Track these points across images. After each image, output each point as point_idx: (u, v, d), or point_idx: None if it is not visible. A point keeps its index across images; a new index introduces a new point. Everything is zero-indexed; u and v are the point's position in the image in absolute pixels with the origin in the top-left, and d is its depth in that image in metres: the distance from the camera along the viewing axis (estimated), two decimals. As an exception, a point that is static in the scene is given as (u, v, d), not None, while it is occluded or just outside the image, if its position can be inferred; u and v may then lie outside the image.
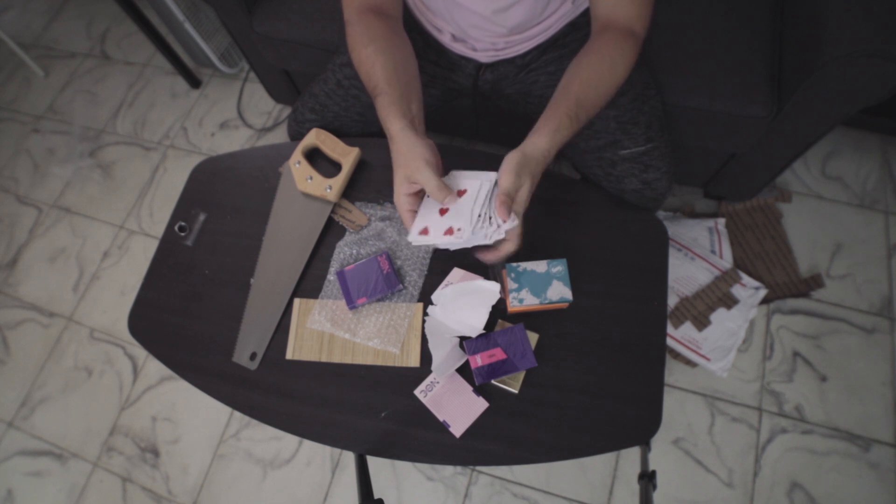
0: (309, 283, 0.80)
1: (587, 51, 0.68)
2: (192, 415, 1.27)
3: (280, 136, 1.58)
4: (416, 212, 0.65)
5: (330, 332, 0.76)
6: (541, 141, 0.62)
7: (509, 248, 0.63)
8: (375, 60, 0.67)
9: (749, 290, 1.20)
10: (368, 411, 0.72)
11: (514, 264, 0.72)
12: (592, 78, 0.65)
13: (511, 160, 0.60)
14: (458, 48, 0.83)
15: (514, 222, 0.60)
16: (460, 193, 0.63)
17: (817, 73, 0.81)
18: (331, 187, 0.81)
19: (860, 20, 0.78)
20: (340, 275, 0.78)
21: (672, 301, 1.21)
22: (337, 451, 1.20)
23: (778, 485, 1.08)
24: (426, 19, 0.83)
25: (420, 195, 0.66)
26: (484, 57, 0.83)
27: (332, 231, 0.83)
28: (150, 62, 1.77)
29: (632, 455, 1.13)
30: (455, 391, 0.71)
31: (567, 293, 0.70)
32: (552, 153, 0.63)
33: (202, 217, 0.87)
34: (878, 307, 1.19)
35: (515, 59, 0.84)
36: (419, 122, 0.67)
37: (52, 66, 1.83)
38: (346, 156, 0.84)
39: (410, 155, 0.62)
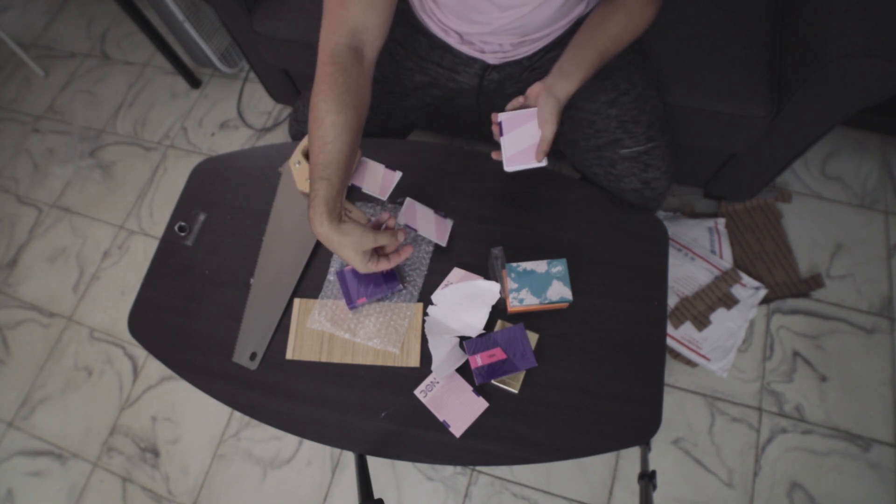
0: (309, 283, 0.80)
1: (615, 7, 0.72)
2: (192, 415, 1.27)
3: (280, 136, 1.58)
4: (377, 259, 0.69)
5: (330, 332, 0.76)
6: (571, 86, 0.70)
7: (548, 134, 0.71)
8: (338, 136, 0.64)
9: (749, 290, 1.20)
10: (368, 411, 0.72)
11: (514, 264, 0.72)
12: (618, 35, 0.72)
13: (550, 108, 0.69)
14: (465, 49, 0.83)
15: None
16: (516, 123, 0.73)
17: (817, 73, 0.81)
18: (331, 187, 0.81)
19: (860, 20, 0.78)
20: (340, 275, 0.78)
21: (672, 301, 1.21)
22: (337, 451, 1.20)
23: (778, 485, 1.08)
24: (434, 21, 0.82)
25: (373, 253, 0.69)
26: (492, 58, 0.83)
27: (332, 231, 0.83)
28: (150, 62, 1.77)
29: (632, 455, 1.13)
30: (455, 391, 0.71)
31: (567, 293, 0.70)
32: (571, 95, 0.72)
33: (202, 217, 0.87)
34: (878, 307, 1.19)
35: (522, 60, 0.84)
36: (343, 196, 0.68)
37: (52, 66, 1.83)
38: (346, 156, 0.83)
39: (348, 242, 0.65)
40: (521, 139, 0.72)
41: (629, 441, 0.69)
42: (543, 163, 0.72)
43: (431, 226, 0.80)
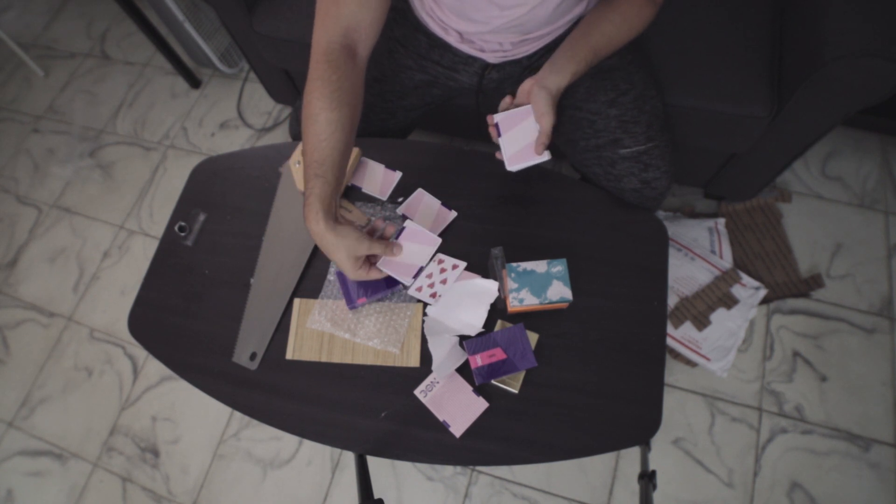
0: (309, 283, 0.80)
1: (612, 7, 0.73)
2: (192, 415, 1.27)
3: (280, 136, 1.58)
4: (367, 266, 0.71)
5: (330, 332, 0.76)
6: (562, 80, 0.71)
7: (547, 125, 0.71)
8: (332, 134, 0.65)
9: (749, 290, 1.20)
10: (368, 411, 0.72)
11: (515, 264, 0.72)
12: (612, 34, 0.73)
13: (544, 100, 0.70)
14: (465, 48, 0.83)
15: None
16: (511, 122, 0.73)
17: (817, 73, 0.81)
18: (331, 187, 0.81)
19: (860, 20, 0.78)
20: (340, 275, 0.78)
21: (672, 301, 1.21)
22: (337, 451, 1.20)
23: (778, 485, 1.08)
24: (434, 20, 0.82)
25: (365, 260, 0.70)
26: (492, 57, 0.83)
27: (332, 231, 0.82)
28: (150, 62, 1.77)
29: (632, 455, 1.13)
30: (455, 391, 0.71)
31: (567, 293, 0.70)
32: (564, 90, 0.73)
33: (202, 217, 0.87)
34: (878, 307, 1.19)
35: (522, 59, 0.84)
36: (338, 198, 0.68)
37: (52, 66, 1.83)
38: (346, 156, 0.83)
39: (342, 244, 0.65)
40: (520, 137, 0.73)
41: (629, 441, 0.69)
42: (546, 157, 0.72)
43: (430, 218, 0.80)
